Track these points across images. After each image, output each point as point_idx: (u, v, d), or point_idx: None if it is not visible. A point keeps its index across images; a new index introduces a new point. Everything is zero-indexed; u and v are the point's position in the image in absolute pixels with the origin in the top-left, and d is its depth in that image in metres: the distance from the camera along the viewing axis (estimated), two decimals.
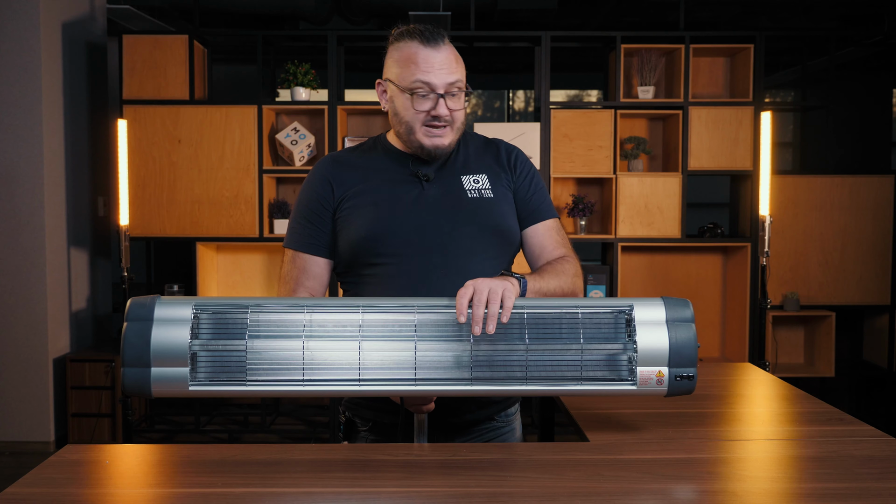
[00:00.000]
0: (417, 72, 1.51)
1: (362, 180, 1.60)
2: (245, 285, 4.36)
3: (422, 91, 1.52)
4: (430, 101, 1.53)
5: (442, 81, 1.51)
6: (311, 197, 1.62)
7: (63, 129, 4.22)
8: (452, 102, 1.54)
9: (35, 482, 1.24)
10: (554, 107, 4.12)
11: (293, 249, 1.62)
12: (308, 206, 1.62)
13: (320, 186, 1.61)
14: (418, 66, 1.51)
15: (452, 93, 1.53)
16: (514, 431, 1.68)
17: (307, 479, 1.25)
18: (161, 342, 1.29)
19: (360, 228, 1.55)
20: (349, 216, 1.57)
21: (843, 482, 1.25)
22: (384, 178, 1.60)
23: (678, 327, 1.35)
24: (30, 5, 3.99)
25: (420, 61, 1.51)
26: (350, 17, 5.57)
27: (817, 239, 4.28)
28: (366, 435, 1.62)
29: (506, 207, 1.62)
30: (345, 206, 1.58)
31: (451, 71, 1.53)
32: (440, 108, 1.53)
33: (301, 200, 1.64)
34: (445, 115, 1.53)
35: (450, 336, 1.33)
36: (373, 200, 1.57)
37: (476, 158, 1.65)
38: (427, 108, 1.53)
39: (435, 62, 1.51)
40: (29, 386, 4.08)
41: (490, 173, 1.63)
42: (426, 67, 1.51)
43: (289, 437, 4.28)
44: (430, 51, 1.52)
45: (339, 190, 1.60)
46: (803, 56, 4.69)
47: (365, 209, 1.56)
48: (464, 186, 1.60)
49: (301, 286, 1.60)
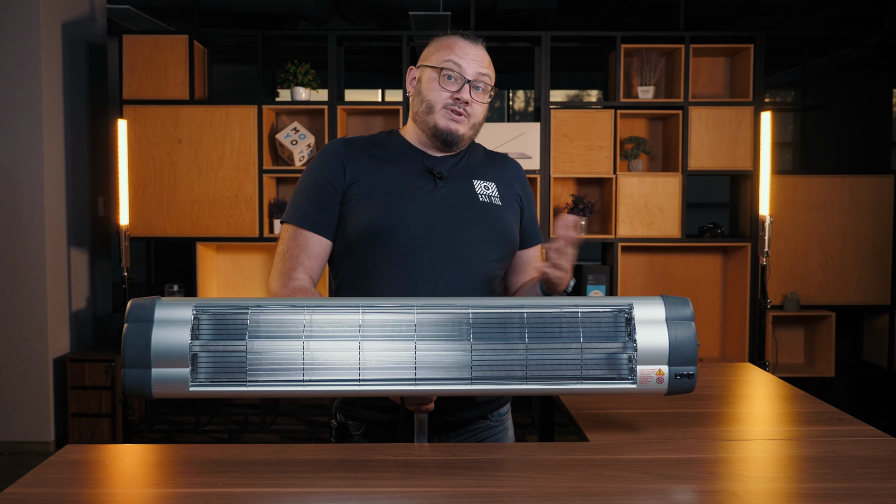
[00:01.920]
0: (452, 54, 1.57)
1: (376, 168, 1.59)
2: (245, 285, 4.36)
3: (452, 72, 1.56)
4: (456, 84, 1.57)
5: (473, 69, 1.57)
6: (321, 175, 1.59)
7: (63, 129, 4.22)
8: (477, 94, 1.58)
9: (35, 482, 1.24)
10: (554, 107, 4.12)
11: (296, 225, 1.57)
12: (318, 183, 1.58)
13: (332, 166, 1.58)
14: (454, 50, 1.58)
15: (479, 85, 1.58)
16: (507, 431, 1.70)
17: (307, 479, 1.25)
18: (161, 343, 1.29)
19: (373, 216, 1.54)
20: (360, 202, 1.55)
21: (843, 482, 1.25)
22: (398, 169, 1.60)
23: (678, 326, 1.34)
24: (30, 5, 3.99)
25: (457, 48, 1.58)
26: (350, 17, 5.58)
27: (817, 239, 4.28)
28: (358, 439, 1.61)
29: (511, 217, 1.65)
30: (354, 191, 1.56)
31: (484, 65, 1.59)
32: (464, 92, 1.56)
33: (309, 178, 1.60)
34: (467, 101, 1.57)
35: (450, 336, 1.33)
36: (387, 189, 1.56)
37: (484, 166, 1.68)
38: (453, 90, 1.57)
39: (470, 52, 1.58)
40: (29, 386, 4.08)
41: (499, 183, 1.66)
42: (461, 53, 1.58)
43: (289, 437, 4.28)
44: (469, 43, 1.59)
45: (350, 173, 1.58)
46: (803, 56, 4.69)
47: (378, 197, 1.55)
48: (475, 189, 1.62)
49: (301, 265, 1.56)
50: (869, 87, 7.63)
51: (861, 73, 7.43)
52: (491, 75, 1.60)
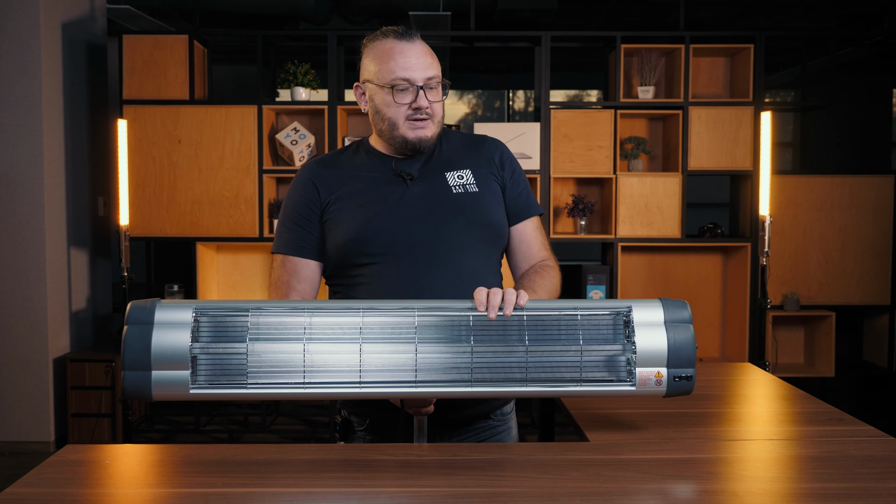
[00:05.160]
0: (396, 67, 1.54)
1: (347, 182, 1.61)
2: (245, 285, 4.36)
3: (402, 85, 1.54)
4: (410, 94, 1.55)
5: (420, 74, 1.54)
6: (297, 201, 1.63)
7: (63, 129, 4.22)
8: (431, 95, 1.57)
9: (35, 482, 1.24)
10: (554, 107, 4.12)
11: (283, 254, 1.62)
12: (296, 209, 1.63)
13: (306, 190, 1.62)
14: (396, 60, 1.54)
15: (431, 86, 1.56)
16: (510, 430, 1.69)
17: (307, 478, 1.25)
18: (161, 346, 1.29)
19: (347, 230, 1.56)
20: (336, 218, 1.58)
21: (843, 482, 1.25)
22: (368, 179, 1.61)
23: (676, 328, 1.35)
24: (30, 5, 3.99)
25: (397, 55, 1.54)
26: (350, 17, 5.58)
27: (817, 239, 4.28)
28: (363, 435, 1.63)
29: (492, 201, 1.63)
30: (331, 209, 1.59)
31: (429, 65, 1.56)
32: (421, 99, 1.55)
33: (288, 205, 1.65)
34: (426, 107, 1.56)
35: (450, 338, 1.33)
36: (358, 202, 1.58)
37: (458, 154, 1.67)
38: (408, 101, 1.55)
39: (412, 55, 1.54)
40: (29, 386, 4.08)
41: (474, 168, 1.65)
42: (404, 61, 1.54)
43: (289, 437, 4.28)
44: (406, 44, 1.55)
45: (324, 193, 1.61)
46: (803, 56, 4.69)
47: (351, 211, 1.58)
48: (448, 182, 1.61)
49: (293, 290, 1.60)
50: (869, 86, 7.62)
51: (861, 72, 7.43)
52: (438, 70, 1.58)
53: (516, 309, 1.35)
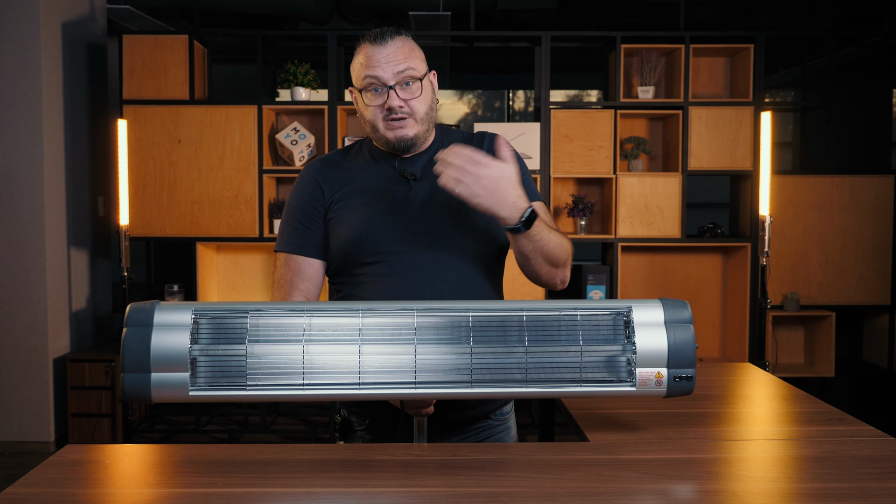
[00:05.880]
0: (367, 69, 1.54)
1: (351, 181, 1.61)
2: (245, 285, 4.36)
3: (373, 86, 1.54)
4: (382, 95, 1.55)
5: (389, 73, 1.53)
6: (301, 199, 1.63)
7: (63, 129, 4.22)
8: (405, 93, 1.55)
9: (35, 482, 1.24)
10: (554, 107, 4.12)
11: (286, 252, 1.62)
12: (299, 208, 1.63)
13: (310, 188, 1.62)
14: (366, 62, 1.55)
15: (404, 83, 1.54)
16: (510, 430, 1.70)
17: (307, 478, 1.25)
18: (161, 347, 1.29)
19: (351, 229, 1.56)
20: (339, 217, 1.59)
21: (843, 482, 1.25)
22: (372, 178, 1.61)
23: (676, 328, 1.35)
24: (30, 5, 3.99)
25: (368, 58, 1.55)
26: (350, 17, 5.58)
27: (817, 239, 4.28)
28: (362, 434, 1.63)
29: None
30: (335, 208, 1.60)
31: (399, 62, 1.54)
32: (392, 99, 1.54)
33: (291, 204, 1.65)
34: (398, 106, 1.54)
35: (449, 339, 1.33)
36: (362, 201, 1.58)
37: None
38: (380, 102, 1.55)
39: (381, 57, 1.54)
40: (29, 386, 4.08)
41: None
42: (373, 63, 1.54)
43: (289, 437, 4.28)
44: (377, 48, 1.54)
45: (328, 191, 1.61)
46: (803, 56, 4.69)
47: (355, 210, 1.58)
48: None
49: (296, 289, 1.60)
50: (869, 87, 7.62)
51: (861, 73, 7.43)
52: (414, 65, 1.55)
53: (517, 309, 1.35)
